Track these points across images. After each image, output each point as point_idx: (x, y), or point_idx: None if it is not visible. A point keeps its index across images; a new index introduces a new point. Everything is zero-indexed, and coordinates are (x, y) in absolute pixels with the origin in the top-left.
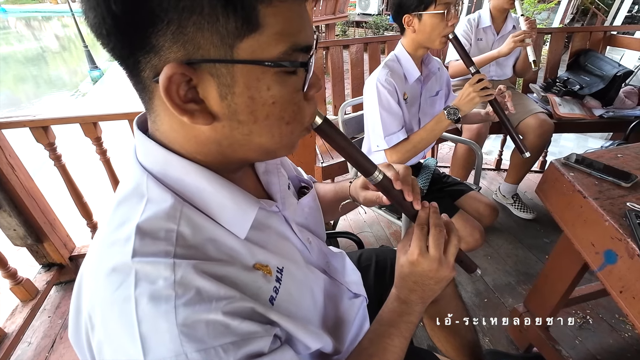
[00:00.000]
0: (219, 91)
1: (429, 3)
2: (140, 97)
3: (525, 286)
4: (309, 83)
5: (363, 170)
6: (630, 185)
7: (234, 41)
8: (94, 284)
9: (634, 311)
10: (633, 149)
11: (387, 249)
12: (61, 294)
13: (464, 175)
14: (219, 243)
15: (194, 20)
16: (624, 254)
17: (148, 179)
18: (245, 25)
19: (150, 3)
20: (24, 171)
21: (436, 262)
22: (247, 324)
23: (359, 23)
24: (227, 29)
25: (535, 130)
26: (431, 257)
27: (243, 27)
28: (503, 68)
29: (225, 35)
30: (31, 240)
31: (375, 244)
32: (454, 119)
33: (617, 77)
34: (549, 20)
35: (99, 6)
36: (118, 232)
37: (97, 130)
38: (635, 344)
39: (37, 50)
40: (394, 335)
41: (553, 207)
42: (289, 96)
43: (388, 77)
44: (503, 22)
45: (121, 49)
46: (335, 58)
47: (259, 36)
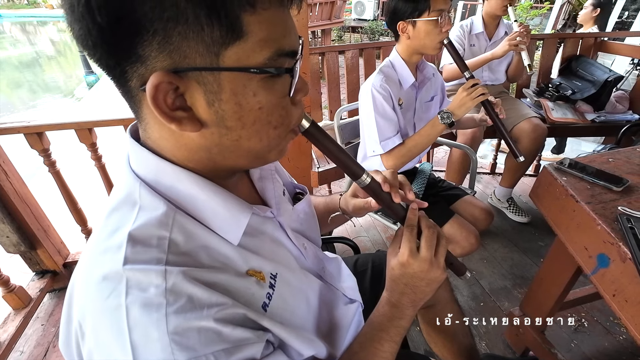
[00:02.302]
0: (206, 98)
1: (423, 10)
2: (129, 105)
3: (521, 289)
4: (296, 88)
5: (351, 173)
6: (621, 190)
7: (220, 49)
8: (84, 292)
9: (627, 314)
10: (624, 153)
11: (384, 254)
12: (55, 301)
13: (459, 180)
14: (211, 250)
15: (179, 30)
16: (616, 257)
17: (141, 187)
18: (229, 34)
19: (135, 14)
20: (17, 177)
21: (427, 263)
22: (239, 331)
23: (355, 28)
24: (212, 38)
25: (529, 135)
26: (422, 257)
27: (228, 35)
28: (496, 73)
29: (210, 44)
30: (24, 247)
31: (372, 249)
32: (447, 123)
33: (608, 82)
34: (541, 26)
35: (84, 18)
36: (110, 240)
37: (93, 136)
38: (629, 346)
39: (32, 55)
40: (384, 339)
41: (547, 211)
42: (275, 101)
43: (383, 83)
44: (495, 28)
45: (107, 59)
46: (331, 63)
47: (243, 43)
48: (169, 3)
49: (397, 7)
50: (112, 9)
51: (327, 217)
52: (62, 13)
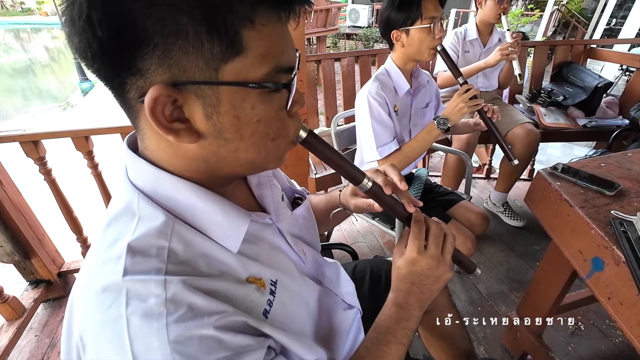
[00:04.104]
0: (204, 111)
1: (415, 18)
2: (127, 116)
3: (517, 293)
4: (292, 100)
5: (352, 179)
6: (614, 194)
7: (219, 64)
8: (85, 304)
9: (622, 317)
10: (615, 158)
11: (382, 260)
12: (49, 311)
13: (455, 185)
14: (211, 258)
15: (179, 45)
16: (610, 261)
17: (139, 198)
18: (229, 49)
19: (135, 29)
20: (12, 185)
21: (434, 260)
22: (240, 338)
23: (350, 35)
24: (211, 53)
25: (522, 140)
26: (429, 254)
27: (227, 50)
28: (490, 80)
29: (210, 59)
30: (19, 257)
31: (370, 254)
32: (443, 128)
33: (598, 88)
34: (532, 33)
35: (85, 31)
36: (109, 251)
37: (89, 144)
38: (626, 349)
39: (26, 62)
40: (391, 342)
41: (542, 216)
42: (273, 114)
43: (379, 90)
44: (489, 35)
45: (106, 71)
46: (327, 71)
47: (243, 59)
48: (170, 18)
49: (390, 16)
50: (113, 23)
51: (328, 214)
52: (58, 21)
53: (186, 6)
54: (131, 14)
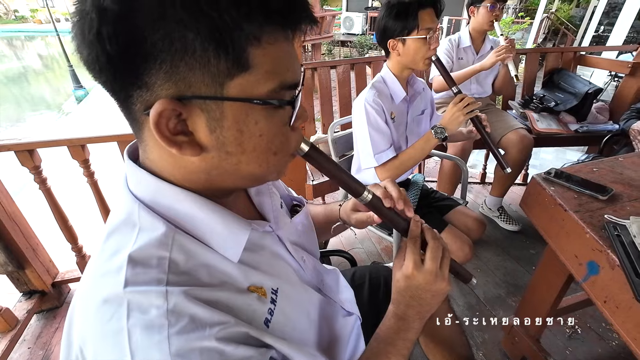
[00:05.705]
0: (208, 125)
1: (412, 28)
2: (131, 126)
3: (515, 298)
4: (296, 116)
5: (352, 192)
6: (607, 198)
7: (225, 80)
8: (85, 316)
9: (618, 320)
10: (607, 163)
11: (381, 267)
12: (42, 322)
13: (451, 190)
14: (212, 268)
15: (186, 61)
16: (605, 264)
17: (140, 208)
18: (235, 66)
19: (144, 44)
20: (6, 195)
21: (432, 275)
22: (242, 349)
23: (344, 42)
24: (218, 69)
25: (516, 145)
26: (426, 269)
27: (234, 67)
28: (483, 86)
29: (216, 75)
30: (12, 267)
31: (367, 260)
32: (441, 137)
33: (589, 94)
34: (523, 40)
35: (94, 45)
36: (110, 263)
37: (85, 152)
38: (622, 352)
39: (20, 69)
40: (391, 353)
41: (537, 220)
42: (276, 129)
43: (375, 98)
44: (482, 43)
45: (113, 83)
46: (323, 78)
47: (248, 75)
48: (178, 35)
49: (387, 25)
50: (122, 38)
51: (327, 227)
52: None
53: (194, 23)
54: (140, 30)
